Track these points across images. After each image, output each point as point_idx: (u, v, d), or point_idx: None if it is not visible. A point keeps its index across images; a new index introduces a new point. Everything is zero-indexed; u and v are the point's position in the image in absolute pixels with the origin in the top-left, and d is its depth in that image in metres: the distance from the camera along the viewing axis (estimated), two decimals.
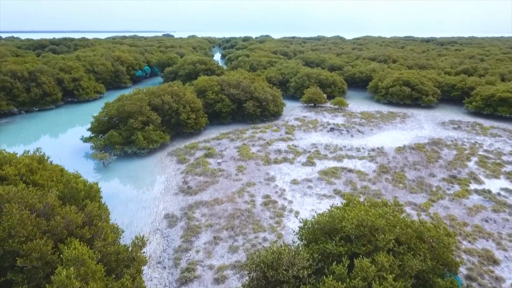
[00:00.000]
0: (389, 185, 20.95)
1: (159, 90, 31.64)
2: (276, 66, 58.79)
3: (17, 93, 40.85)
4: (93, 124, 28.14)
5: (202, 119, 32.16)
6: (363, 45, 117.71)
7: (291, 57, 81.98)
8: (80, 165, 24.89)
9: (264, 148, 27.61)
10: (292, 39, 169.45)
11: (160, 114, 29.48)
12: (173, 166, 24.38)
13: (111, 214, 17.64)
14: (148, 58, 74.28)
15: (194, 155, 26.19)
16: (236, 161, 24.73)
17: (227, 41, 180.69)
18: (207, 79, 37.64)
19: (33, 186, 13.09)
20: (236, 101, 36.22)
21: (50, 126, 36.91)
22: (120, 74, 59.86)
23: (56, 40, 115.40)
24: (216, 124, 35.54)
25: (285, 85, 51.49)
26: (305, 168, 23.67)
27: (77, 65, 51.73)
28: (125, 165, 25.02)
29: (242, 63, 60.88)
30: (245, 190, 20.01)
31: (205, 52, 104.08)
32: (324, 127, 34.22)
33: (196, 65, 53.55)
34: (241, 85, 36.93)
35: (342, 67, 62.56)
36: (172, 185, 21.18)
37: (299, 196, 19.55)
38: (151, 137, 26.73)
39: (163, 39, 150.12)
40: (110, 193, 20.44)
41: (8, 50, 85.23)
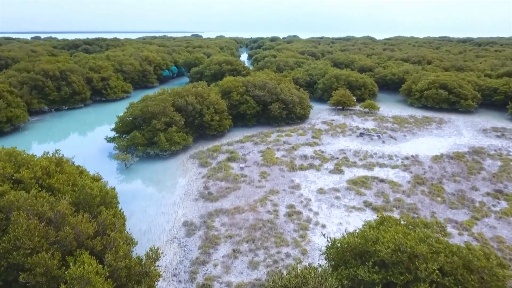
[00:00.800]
0: (426, 199, 19.17)
1: (183, 90, 31.17)
2: (304, 67, 57.28)
3: (48, 92, 41.88)
4: (117, 124, 28.03)
5: (226, 121, 31.38)
6: (394, 46, 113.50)
7: (319, 58, 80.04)
8: (102, 166, 24.79)
9: (289, 153, 26.40)
10: (320, 39, 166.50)
11: (183, 115, 28.96)
12: (195, 169, 23.69)
13: (129, 219, 17.15)
14: (176, 58, 74.81)
15: (216, 158, 25.40)
16: (259, 166, 23.70)
17: (254, 41, 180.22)
18: (232, 80, 36.88)
19: (48, 190, 12.65)
20: (262, 102, 35.21)
21: (77, 125, 37.45)
22: (147, 74, 60.46)
23: (89, 40, 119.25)
24: (240, 126, 34.68)
25: (312, 87, 49.93)
26: (332, 176, 22.27)
27: (106, 65, 52.59)
28: (147, 167, 24.61)
29: (269, 63, 59.82)
30: (268, 199, 18.93)
31: (231, 52, 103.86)
32: (353, 131, 32.52)
33: (222, 65, 53.05)
34: (267, 86, 35.88)
35: (373, 69, 60.12)
36: (192, 190, 20.45)
37: (326, 207, 18.22)
38: (174, 138, 26.22)
39: (191, 39, 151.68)
40: (130, 196, 20.01)
41: (44, 49, 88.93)
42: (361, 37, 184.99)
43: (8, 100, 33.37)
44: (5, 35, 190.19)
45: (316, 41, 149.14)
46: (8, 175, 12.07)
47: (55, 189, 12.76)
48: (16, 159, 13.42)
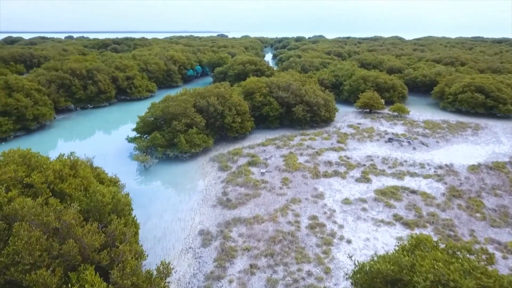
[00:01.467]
0: (463, 214, 17.45)
1: (205, 91, 30.56)
2: (329, 67, 55.54)
3: (75, 90, 42.56)
4: (138, 125, 27.77)
5: (248, 123, 30.50)
6: (425, 46, 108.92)
7: (346, 58, 77.76)
8: (122, 166, 24.53)
9: (312, 158, 25.15)
10: (346, 39, 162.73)
11: (205, 116, 28.33)
12: (214, 173, 22.93)
13: (145, 225, 16.56)
14: (200, 57, 74.85)
15: (237, 162, 24.54)
16: (281, 172, 22.62)
17: (279, 41, 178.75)
18: (256, 81, 35.96)
19: (59, 195, 12.17)
20: (285, 104, 34.08)
21: (101, 124, 37.74)
22: (172, 73, 60.65)
23: (118, 39, 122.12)
24: (263, 129, 33.70)
25: (338, 88, 48.23)
26: (359, 185, 20.86)
27: (131, 64, 53.06)
28: (166, 169, 24.11)
29: (294, 64, 58.49)
30: (289, 208, 17.83)
31: (256, 52, 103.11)
32: (381, 136, 30.78)
33: (245, 65, 52.29)
34: (291, 87, 34.70)
35: (402, 70, 57.51)
36: (211, 195, 19.67)
37: (352, 220, 16.91)
38: (194, 140, 25.60)
39: (217, 39, 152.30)
40: (147, 199, 19.50)
41: (75, 49, 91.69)
42: (389, 37, 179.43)
43: (36, 98, 33.99)
44: (40, 35, 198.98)
45: (343, 41, 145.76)
46: (20, 179, 11.66)
47: (67, 195, 12.26)
48: (30, 162, 13.04)
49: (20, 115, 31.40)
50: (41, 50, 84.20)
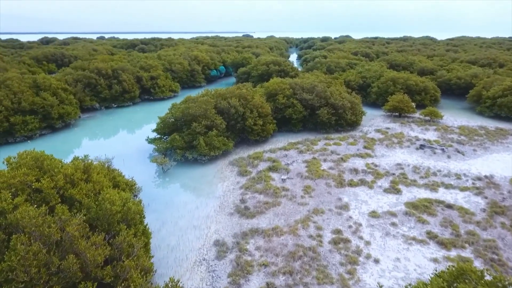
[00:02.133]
0: (508, 235, 15.62)
1: (227, 92, 29.79)
2: (357, 68, 53.52)
3: (100, 90, 43.08)
4: (159, 126, 27.37)
5: (269, 126, 29.45)
6: (458, 47, 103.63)
7: (373, 59, 75.14)
8: (141, 167, 24.15)
9: (337, 165, 23.76)
10: (374, 39, 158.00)
11: (225, 118, 27.56)
12: (233, 178, 22.05)
13: (159, 232, 15.88)
14: (224, 58, 74.53)
15: (257, 167, 23.56)
16: (303, 179, 21.42)
17: (305, 41, 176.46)
18: (279, 82, 34.85)
19: (69, 202, 11.63)
20: (309, 107, 32.76)
21: (124, 123, 37.85)
22: (195, 73, 60.57)
23: (146, 40, 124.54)
24: (285, 132, 32.55)
25: (365, 90, 46.26)
26: (387, 196, 19.33)
27: (156, 64, 53.31)
28: (184, 172, 23.49)
29: (319, 64, 56.87)
30: (311, 220, 16.64)
31: (281, 53, 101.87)
32: (412, 142, 28.87)
33: (269, 66, 51.24)
34: (315, 89, 33.34)
35: (435, 71, 54.56)
36: (228, 202, 18.78)
37: (380, 235, 15.50)
38: (214, 143, 24.85)
39: (242, 39, 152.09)
40: (163, 204, 18.88)
41: (105, 48, 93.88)
42: (419, 37, 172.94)
43: (62, 97, 34.47)
44: (76, 35, 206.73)
45: (370, 41, 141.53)
46: (29, 183, 11.19)
47: (76, 201, 11.71)
48: (42, 165, 12.62)
49: (46, 114, 31.88)
50: (72, 50, 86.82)
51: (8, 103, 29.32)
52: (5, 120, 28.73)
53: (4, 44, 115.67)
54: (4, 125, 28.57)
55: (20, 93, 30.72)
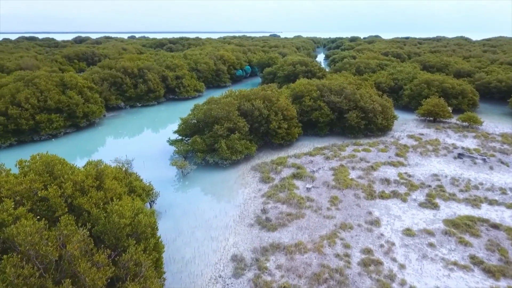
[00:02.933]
0: None
1: (251, 93, 28.71)
2: (388, 69, 50.96)
3: (125, 89, 43.26)
4: (180, 127, 26.69)
5: (294, 130, 28.08)
6: (496, 47, 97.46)
7: (405, 60, 71.78)
8: (161, 170, 23.52)
9: (367, 173, 22.09)
10: (405, 39, 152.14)
11: (249, 120, 26.48)
12: (255, 185, 20.91)
13: (174, 242, 15.00)
14: (250, 57, 73.65)
15: (280, 173, 22.30)
16: (329, 188, 19.94)
17: (333, 41, 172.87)
18: (306, 83, 33.37)
19: (77, 211, 10.89)
20: (337, 110, 31.10)
21: (148, 123, 37.65)
22: (220, 73, 60.01)
23: (174, 39, 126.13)
24: (311, 135, 31.06)
25: (396, 93, 43.83)
26: (423, 212, 17.54)
27: (181, 63, 53.14)
28: (204, 176, 22.61)
29: (348, 65, 54.69)
30: (338, 236, 15.20)
31: (308, 53, 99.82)
32: (449, 151, 26.62)
33: (295, 66, 49.75)
34: (344, 91, 31.61)
35: (472, 74, 51.04)
36: (248, 212, 17.67)
37: (416, 258, 13.85)
38: (236, 146, 23.83)
39: (269, 39, 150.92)
40: (180, 211, 18.03)
41: (134, 48, 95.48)
42: (453, 37, 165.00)
43: (87, 96, 34.65)
44: (109, 35, 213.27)
45: (401, 41, 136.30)
46: (35, 191, 10.53)
47: (84, 211, 10.96)
48: (53, 170, 11.99)
49: (71, 112, 32.07)
50: (102, 49, 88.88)
51: (34, 101, 29.64)
52: (31, 118, 29.05)
53: (40, 43, 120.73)
54: (30, 123, 28.87)
55: (47, 91, 31.02)
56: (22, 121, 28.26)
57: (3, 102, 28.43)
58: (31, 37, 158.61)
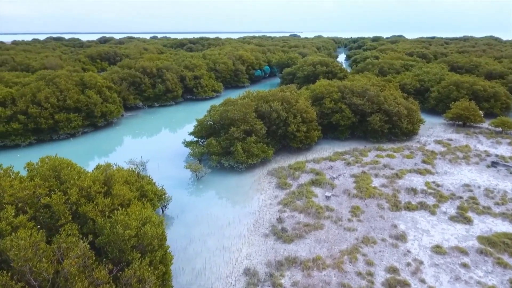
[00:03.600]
0: None
1: (269, 94, 27.76)
2: (413, 70, 48.82)
3: (144, 88, 43.22)
4: (196, 128, 26.05)
5: (314, 133, 26.92)
6: None
7: (431, 60, 69.00)
8: (175, 172, 22.97)
9: (391, 182, 20.71)
10: (431, 39, 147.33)
11: (266, 123, 25.55)
12: (271, 191, 19.95)
13: (185, 251, 14.24)
14: (269, 57, 72.68)
15: (298, 179, 21.25)
16: (350, 197, 18.74)
17: (354, 41, 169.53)
18: (326, 84, 32.10)
19: (82, 219, 10.28)
20: (359, 112, 29.70)
21: (165, 123, 37.36)
22: (239, 73, 59.35)
23: (194, 39, 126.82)
24: (331, 139, 29.81)
25: (422, 95, 41.81)
26: (454, 227, 16.10)
27: (200, 63, 52.77)
28: (219, 180, 21.85)
29: (370, 65, 52.80)
30: (360, 251, 14.05)
31: (329, 53, 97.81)
32: (481, 158, 24.79)
33: (316, 66, 48.41)
34: (367, 93, 30.17)
35: (505, 75, 48.11)
36: (263, 220, 16.74)
37: (447, 280, 12.53)
38: (252, 150, 22.95)
39: (289, 39, 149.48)
40: (193, 217, 17.31)
41: (155, 48, 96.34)
42: (482, 37, 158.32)
43: (106, 96, 34.66)
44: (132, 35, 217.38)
45: (426, 41, 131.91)
46: (37, 198, 9.99)
47: (89, 219, 10.34)
48: (59, 175, 11.47)
49: (89, 112, 32.09)
50: (124, 49, 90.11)
51: (54, 100, 29.77)
52: (50, 117, 29.17)
53: (66, 43, 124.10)
54: (49, 122, 29.00)
55: (66, 91, 31.14)
56: (42, 120, 28.41)
57: (24, 101, 28.69)
58: (58, 37, 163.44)
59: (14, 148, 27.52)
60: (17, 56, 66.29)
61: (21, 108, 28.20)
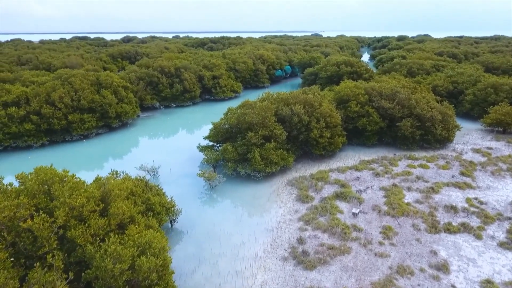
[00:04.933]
0: None
1: (290, 97, 25.86)
2: (445, 71, 45.59)
3: (161, 88, 42.19)
4: (211, 132, 24.48)
5: (338, 139, 24.83)
6: None
7: (461, 61, 65.05)
8: (188, 179, 21.57)
9: (426, 197, 18.43)
10: (459, 38, 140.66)
11: (287, 127, 23.70)
12: (291, 204, 18.11)
13: (192, 276, 12.54)
14: (291, 57, 70.59)
15: (321, 191, 19.28)
16: (381, 215, 16.64)
17: (378, 40, 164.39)
18: (352, 86, 29.85)
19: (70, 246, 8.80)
20: (388, 117, 27.35)
21: (182, 124, 36.11)
22: (259, 73, 57.62)
23: (215, 38, 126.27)
24: (356, 145, 27.62)
25: (455, 98, 38.75)
26: (506, 255, 13.74)
27: (219, 63, 51.36)
28: (234, 190, 20.19)
29: (398, 66, 49.79)
30: (395, 284, 12.00)
31: (352, 52, 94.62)
32: None
33: (340, 66, 45.99)
34: (397, 96, 27.75)
35: None
36: (282, 240, 14.93)
37: None
38: (271, 157, 21.16)
39: (310, 38, 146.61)
40: (203, 233, 15.70)
41: (176, 47, 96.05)
42: None
43: (121, 96, 33.72)
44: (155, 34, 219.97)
45: (455, 40, 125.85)
46: (18, 221, 8.58)
47: (78, 245, 8.86)
48: (50, 189, 10.08)
49: (104, 112, 31.19)
50: (145, 48, 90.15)
51: (68, 100, 28.99)
52: (63, 118, 28.40)
53: (91, 42, 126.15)
54: (62, 122, 28.22)
55: (81, 91, 30.33)
56: (55, 120, 27.65)
57: (38, 101, 28.03)
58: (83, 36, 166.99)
59: (26, 150, 26.88)
60: (41, 54, 67.24)
61: (34, 108, 27.54)
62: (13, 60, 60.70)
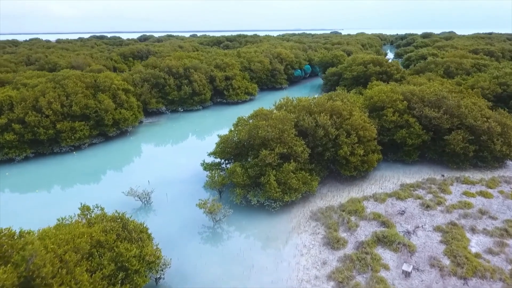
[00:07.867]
0: None
1: (313, 104, 21.37)
2: (488, 71, 39.91)
3: (168, 91, 38.35)
4: (217, 148, 20.20)
5: (372, 156, 20.12)
6: None
7: (498, 59, 58.68)
8: (187, 206, 17.46)
9: (500, 244, 13.62)
10: (489, 35, 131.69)
11: (309, 142, 19.25)
12: (316, 251, 13.67)
13: None
14: (311, 55, 65.72)
15: (355, 231, 14.75)
16: (443, 275, 11.98)
17: (402, 38, 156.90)
18: (388, 90, 25.02)
19: None
20: (432, 128, 22.48)
21: (188, 132, 32.11)
22: (276, 73, 53.11)
23: (231, 37, 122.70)
24: (393, 161, 22.86)
25: (506, 103, 33.21)
26: None
27: (232, 62, 47.15)
28: (243, 224, 15.93)
29: (433, 65, 44.29)
30: None
31: (376, 50, 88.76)
32: None
33: (367, 66, 40.95)
34: (444, 102, 22.80)
35: None
36: None
37: None
38: (290, 182, 16.76)
39: (330, 36, 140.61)
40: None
41: (191, 45, 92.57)
42: None
43: (121, 100, 30.01)
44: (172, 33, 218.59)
45: (486, 37, 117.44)
46: None
47: None
48: None
49: (99, 120, 27.50)
50: (158, 47, 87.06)
51: (57, 106, 25.41)
52: (51, 127, 24.82)
53: (107, 41, 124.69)
54: (50, 132, 24.61)
55: (74, 95, 26.74)
56: (41, 130, 24.09)
57: (23, 107, 24.59)
58: (100, 35, 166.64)
59: (6, 163, 23.39)
60: (51, 54, 65.00)
61: (18, 115, 24.08)
62: (22, 60, 58.56)
